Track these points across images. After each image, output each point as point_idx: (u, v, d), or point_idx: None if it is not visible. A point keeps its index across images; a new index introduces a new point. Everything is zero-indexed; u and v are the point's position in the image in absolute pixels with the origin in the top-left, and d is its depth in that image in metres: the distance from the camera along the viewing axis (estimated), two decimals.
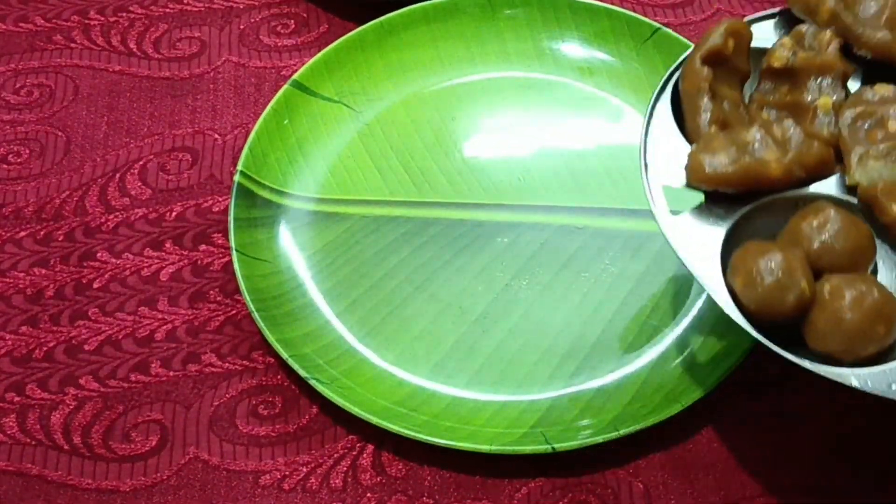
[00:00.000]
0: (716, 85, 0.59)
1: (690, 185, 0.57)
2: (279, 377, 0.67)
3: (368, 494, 0.63)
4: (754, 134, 0.58)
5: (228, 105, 0.80)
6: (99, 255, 0.72)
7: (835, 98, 0.60)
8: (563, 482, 0.63)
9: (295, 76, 0.77)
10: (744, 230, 0.57)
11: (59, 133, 0.78)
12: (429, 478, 0.63)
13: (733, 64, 0.61)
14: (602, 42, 0.80)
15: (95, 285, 0.71)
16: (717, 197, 0.57)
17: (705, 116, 0.59)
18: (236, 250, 0.69)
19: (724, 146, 0.57)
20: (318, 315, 0.69)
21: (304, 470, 0.64)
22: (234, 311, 0.70)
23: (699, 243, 0.56)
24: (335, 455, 0.64)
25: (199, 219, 0.74)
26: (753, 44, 0.62)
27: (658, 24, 0.78)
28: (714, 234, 0.56)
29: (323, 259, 0.71)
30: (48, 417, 0.66)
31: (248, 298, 0.67)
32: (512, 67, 0.80)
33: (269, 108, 0.75)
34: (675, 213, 0.57)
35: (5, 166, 0.77)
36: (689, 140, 0.59)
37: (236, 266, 0.68)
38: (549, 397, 0.66)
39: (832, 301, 0.53)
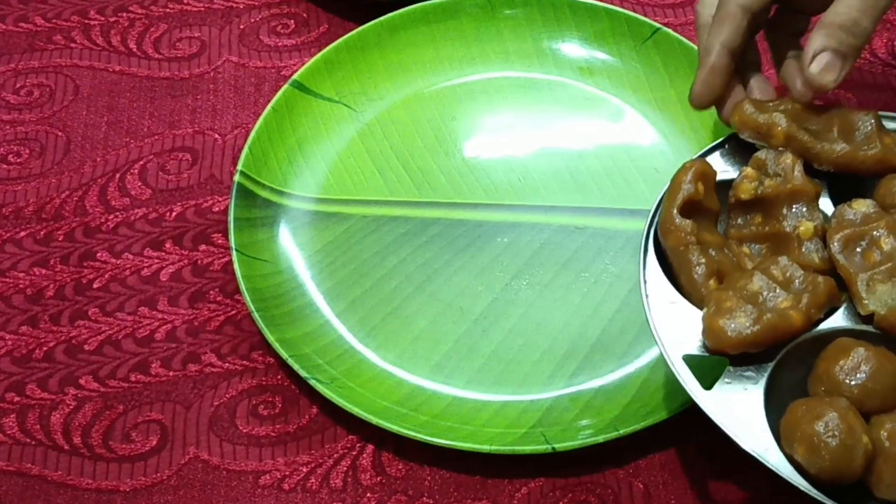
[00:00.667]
0: (698, 234, 0.58)
1: (712, 351, 0.56)
2: (279, 377, 0.67)
3: (368, 494, 0.63)
4: (759, 282, 0.56)
5: (228, 105, 0.80)
6: (99, 255, 0.72)
7: (815, 222, 0.59)
8: (563, 482, 0.63)
9: (295, 76, 0.77)
10: (775, 386, 0.55)
11: (59, 133, 0.78)
12: (429, 478, 0.63)
13: (705, 206, 0.60)
14: (602, 42, 0.80)
15: (95, 285, 0.71)
16: (740, 358, 0.55)
17: (700, 271, 0.58)
18: (236, 250, 0.69)
19: (737, 304, 0.55)
20: (318, 315, 0.69)
21: (304, 470, 0.64)
22: (234, 311, 0.70)
23: (743, 415, 0.54)
24: (335, 455, 0.64)
25: (199, 219, 0.74)
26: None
27: (658, 24, 0.78)
28: (752, 400, 0.55)
29: (323, 259, 0.71)
30: (48, 417, 0.66)
31: (248, 298, 0.67)
32: (512, 67, 0.80)
33: (269, 108, 0.75)
34: (706, 387, 0.55)
35: (5, 166, 0.77)
36: (686, 296, 0.58)
37: (236, 266, 0.68)
38: (549, 397, 0.65)
39: (893, 447, 0.52)
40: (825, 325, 0.56)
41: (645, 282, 0.58)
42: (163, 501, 0.63)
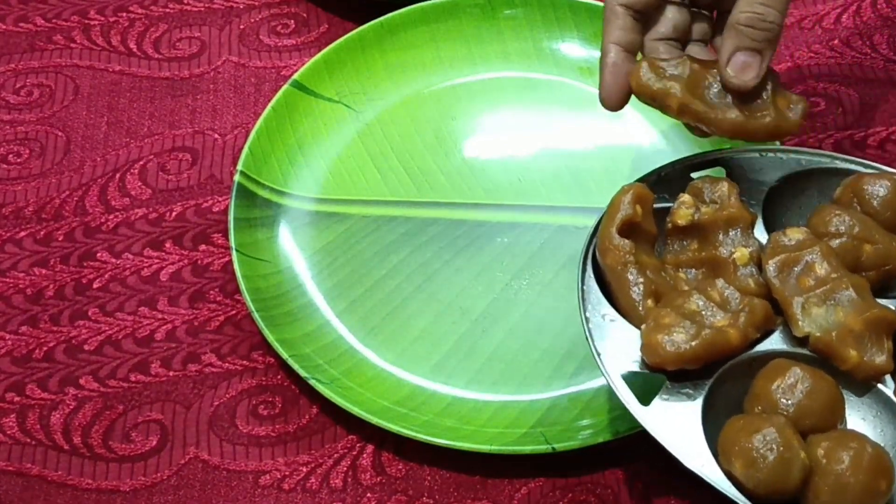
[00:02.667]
0: (636, 255, 0.59)
1: (651, 367, 0.56)
2: (279, 377, 0.67)
3: (368, 494, 0.63)
4: (697, 301, 0.57)
5: (228, 105, 0.80)
6: (99, 255, 0.72)
7: (750, 248, 0.59)
8: (563, 482, 0.63)
9: (295, 76, 0.77)
10: (713, 403, 0.56)
11: (59, 133, 0.78)
12: (429, 478, 0.63)
13: (642, 228, 0.60)
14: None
15: (95, 285, 0.71)
16: (678, 374, 0.56)
17: (637, 290, 0.58)
18: (236, 250, 0.69)
19: (676, 321, 0.56)
20: (318, 315, 0.69)
21: (304, 470, 0.64)
22: (234, 311, 0.70)
23: (681, 431, 0.54)
24: (335, 455, 0.64)
25: (199, 219, 0.74)
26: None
27: None
28: (690, 415, 0.55)
29: (323, 259, 0.71)
30: (48, 417, 0.66)
31: (248, 298, 0.67)
32: (512, 67, 0.80)
33: (269, 108, 0.75)
34: (644, 403, 0.55)
35: (5, 166, 0.77)
36: (624, 315, 0.58)
37: (236, 266, 0.68)
38: (549, 397, 0.65)
39: (830, 465, 0.52)
40: (761, 347, 0.57)
41: (583, 300, 0.59)
42: (163, 501, 0.63)
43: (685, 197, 0.61)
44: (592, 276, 0.60)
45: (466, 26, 0.81)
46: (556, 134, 0.77)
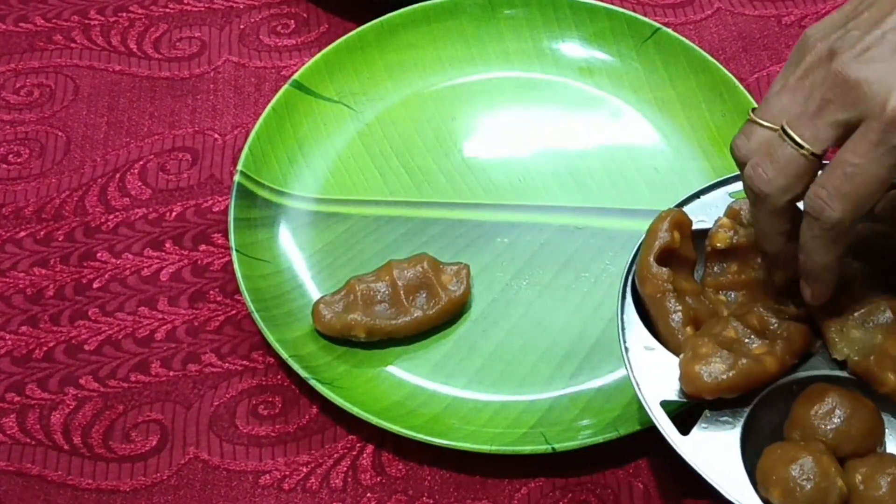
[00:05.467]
0: (674, 282, 0.59)
1: (689, 396, 0.56)
2: (279, 377, 0.67)
3: (368, 494, 0.63)
4: (735, 328, 0.57)
5: (228, 105, 0.80)
6: (99, 255, 0.72)
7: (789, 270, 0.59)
8: (563, 482, 0.63)
9: (295, 76, 0.77)
10: (752, 430, 0.56)
11: (59, 133, 0.78)
12: (429, 478, 0.63)
13: (681, 254, 0.60)
14: (602, 42, 0.80)
15: (95, 285, 0.71)
16: (716, 402, 0.56)
17: (676, 318, 0.58)
18: (236, 250, 0.69)
19: (713, 350, 0.56)
20: None
21: (304, 470, 0.64)
22: (234, 311, 0.70)
23: (719, 460, 0.55)
24: (335, 455, 0.64)
25: (199, 219, 0.74)
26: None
27: (658, 24, 0.78)
28: (728, 443, 0.55)
29: (323, 259, 0.71)
30: (48, 417, 0.66)
31: (248, 298, 0.67)
32: (512, 67, 0.80)
33: (269, 108, 0.75)
34: (683, 431, 0.55)
35: (5, 166, 0.77)
36: (664, 343, 0.58)
37: (236, 266, 0.68)
38: (549, 397, 0.65)
39: (868, 491, 0.52)
40: (801, 371, 0.57)
41: (623, 328, 0.59)
42: (163, 501, 0.63)
43: (723, 220, 0.61)
44: (632, 303, 0.60)
45: (466, 26, 0.81)
46: (556, 134, 0.77)
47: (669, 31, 0.78)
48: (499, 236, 0.72)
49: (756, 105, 0.73)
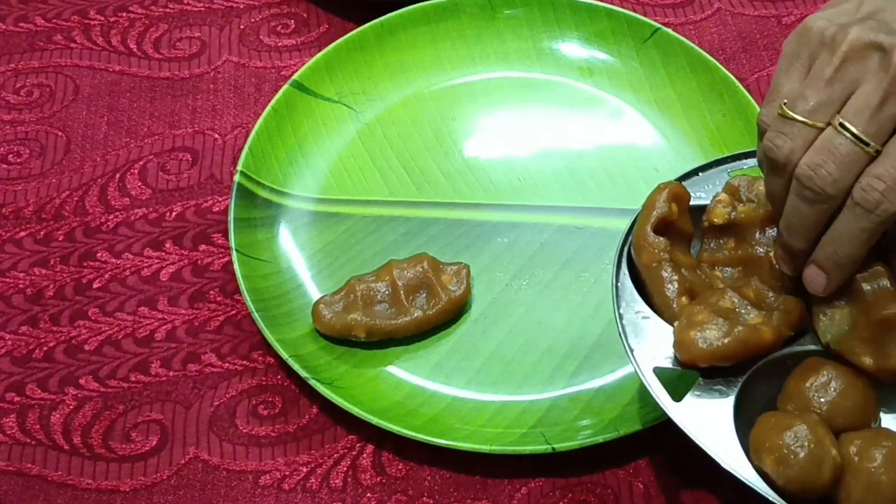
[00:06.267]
0: (671, 254, 0.59)
1: (684, 364, 0.56)
2: (279, 377, 0.67)
3: (368, 494, 0.63)
4: (731, 299, 0.57)
5: (228, 105, 0.80)
6: (99, 255, 0.72)
7: None
8: (563, 482, 0.63)
9: (295, 76, 0.77)
10: (745, 400, 0.56)
11: (59, 133, 0.78)
12: (429, 478, 0.63)
13: (678, 227, 0.60)
14: (602, 42, 0.80)
15: (95, 285, 0.71)
16: (710, 371, 0.56)
17: (672, 288, 0.58)
18: (236, 250, 0.69)
19: (709, 318, 0.55)
20: None
21: (304, 470, 0.64)
22: (234, 311, 0.70)
23: (712, 427, 0.54)
24: (335, 455, 0.64)
25: (199, 219, 0.74)
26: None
27: (658, 24, 0.78)
28: (722, 411, 0.55)
29: (323, 259, 0.71)
30: (48, 417, 0.66)
31: (247, 298, 0.67)
32: (512, 67, 0.80)
33: (269, 108, 0.75)
34: (676, 399, 0.55)
35: (5, 166, 0.77)
36: (658, 313, 0.58)
37: (236, 266, 0.68)
38: (549, 397, 0.65)
39: (863, 463, 0.52)
40: (796, 345, 0.57)
41: (617, 296, 0.59)
42: (163, 501, 0.62)
43: (722, 195, 0.61)
44: (627, 273, 0.60)
45: (466, 26, 0.81)
46: (556, 134, 0.77)
47: (669, 31, 0.78)
48: (499, 236, 0.72)
49: (757, 105, 0.74)
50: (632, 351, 0.57)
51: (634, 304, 0.59)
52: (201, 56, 0.83)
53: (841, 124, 0.51)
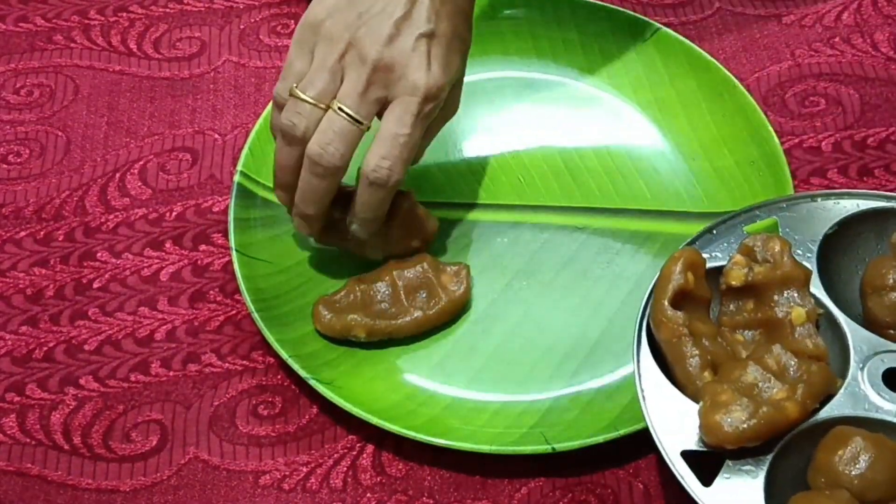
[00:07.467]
0: (690, 324, 0.58)
1: (711, 447, 0.55)
2: (279, 377, 0.67)
3: (368, 494, 0.63)
4: (753, 374, 0.56)
5: (228, 105, 0.80)
6: (99, 255, 0.72)
7: (806, 307, 0.59)
8: (563, 482, 0.63)
9: None
10: (775, 477, 0.55)
11: (59, 133, 0.78)
12: (429, 478, 0.63)
13: (696, 295, 0.60)
14: (602, 42, 0.79)
15: (95, 285, 0.71)
16: (738, 451, 0.55)
17: (693, 363, 0.57)
18: (236, 250, 0.69)
19: (733, 398, 0.54)
20: None
21: (304, 470, 0.64)
22: (234, 311, 0.70)
23: None
24: (335, 455, 0.64)
25: (199, 219, 0.74)
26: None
27: (658, 24, 0.78)
28: (752, 494, 0.54)
29: (323, 259, 0.71)
30: (48, 417, 0.66)
31: (247, 298, 0.66)
32: (512, 67, 0.80)
33: (269, 107, 0.75)
34: (705, 483, 0.54)
35: (5, 166, 0.77)
36: (681, 388, 0.58)
37: (236, 266, 0.68)
38: (549, 397, 0.65)
39: None
40: (823, 413, 0.56)
41: (640, 375, 0.58)
42: (163, 501, 0.63)
43: (737, 257, 0.60)
44: (647, 348, 0.59)
45: None
46: (556, 134, 0.77)
47: (669, 31, 0.78)
48: (499, 236, 0.72)
49: (756, 106, 0.74)
50: (657, 433, 0.56)
51: (656, 380, 0.58)
52: (201, 56, 0.83)
53: (340, 108, 0.62)
